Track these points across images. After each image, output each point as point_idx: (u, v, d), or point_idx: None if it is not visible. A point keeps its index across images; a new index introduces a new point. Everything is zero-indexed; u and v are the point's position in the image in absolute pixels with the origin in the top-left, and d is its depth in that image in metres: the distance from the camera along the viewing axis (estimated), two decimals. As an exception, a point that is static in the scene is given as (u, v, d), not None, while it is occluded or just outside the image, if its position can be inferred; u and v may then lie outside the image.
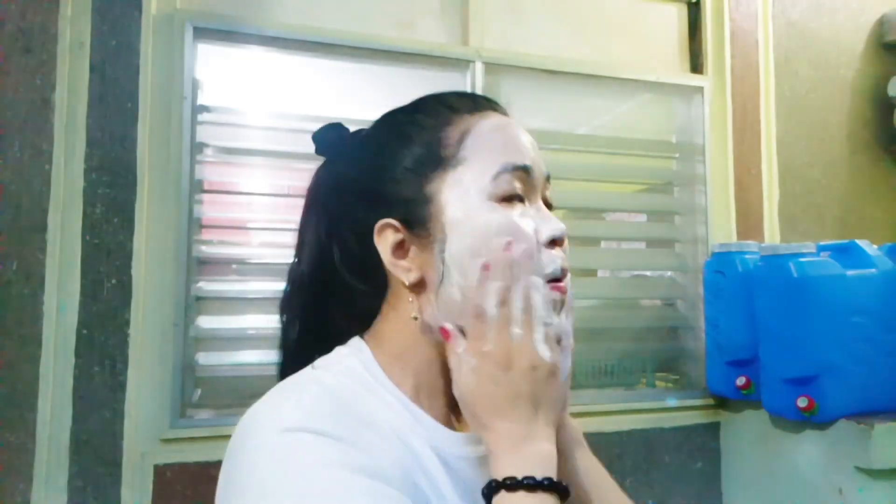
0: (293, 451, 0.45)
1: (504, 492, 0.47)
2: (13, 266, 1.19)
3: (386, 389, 0.55)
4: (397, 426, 0.52)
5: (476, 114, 0.57)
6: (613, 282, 1.79)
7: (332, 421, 0.47)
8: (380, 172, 0.57)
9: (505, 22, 1.65)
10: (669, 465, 1.58)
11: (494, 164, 0.54)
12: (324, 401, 0.50)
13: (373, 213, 0.56)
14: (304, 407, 0.48)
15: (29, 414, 1.17)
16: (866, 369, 1.27)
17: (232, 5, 1.42)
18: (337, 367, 0.55)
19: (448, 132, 0.56)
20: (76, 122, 1.24)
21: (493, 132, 0.56)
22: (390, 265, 0.55)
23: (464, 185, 0.54)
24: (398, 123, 0.59)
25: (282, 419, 0.47)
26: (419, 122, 0.58)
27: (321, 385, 0.52)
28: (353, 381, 0.54)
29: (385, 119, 0.62)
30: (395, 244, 0.55)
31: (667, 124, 1.81)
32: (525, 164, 0.55)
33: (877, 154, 1.92)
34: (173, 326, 1.28)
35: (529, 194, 0.56)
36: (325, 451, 0.45)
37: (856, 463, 1.24)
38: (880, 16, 1.95)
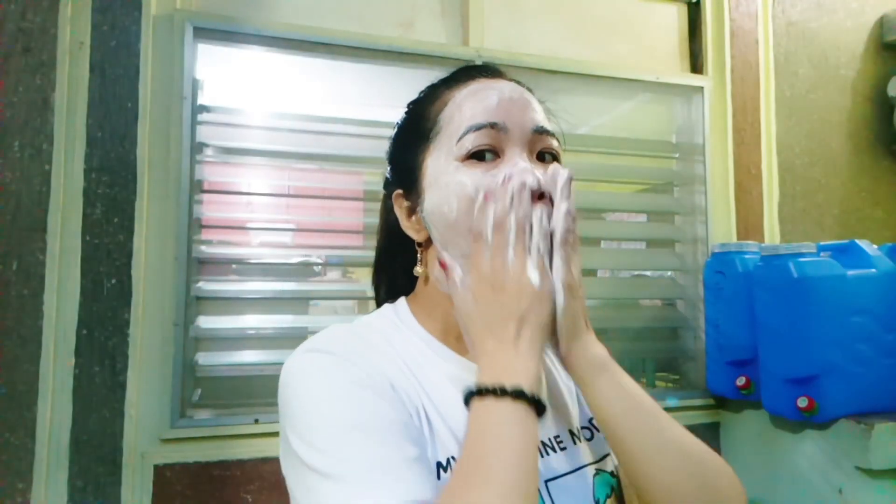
0: (304, 364, 0.56)
1: (476, 398, 0.51)
2: (13, 266, 1.19)
3: (411, 330, 0.64)
4: (414, 357, 0.60)
5: (459, 85, 0.63)
6: (613, 282, 1.79)
7: (341, 345, 0.57)
8: (394, 149, 0.68)
9: (505, 22, 1.65)
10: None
11: (460, 128, 0.59)
12: (342, 333, 0.60)
13: (393, 184, 0.66)
14: (325, 336, 0.59)
15: (29, 414, 1.17)
16: (866, 369, 1.27)
17: (232, 5, 1.42)
18: (372, 315, 0.67)
19: (431, 107, 0.63)
20: (76, 122, 1.24)
21: (465, 99, 0.61)
22: (404, 227, 0.65)
23: (438, 153, 0.61)
24: (415, 100, 0.68)
25: (306, 345, 0.58)
26: (417, 101, 0.67)
27: (349, 324, 0.63)
28: (381, 323, 0.64)
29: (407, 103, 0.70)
30: (407, 209, 0.65)
31: (667, 124, 1.81)
32: (490, 121, 0.59)
33: (877, 154, 1.92)
34: (173, 326, 1.28)
35: (505, 149, 0.60)
36: (326, 363, 0.55)
37: (856, 463, 1.24)
38: (880, 16, 1.95)
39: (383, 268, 0.73)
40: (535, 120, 0.61)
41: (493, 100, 0.60)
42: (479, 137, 0.58)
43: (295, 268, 1.47)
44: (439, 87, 0.66)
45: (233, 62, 1.44)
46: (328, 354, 0.56)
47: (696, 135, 1.75)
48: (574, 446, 0.64)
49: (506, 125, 0.59)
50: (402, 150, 0.66)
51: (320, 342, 0.58)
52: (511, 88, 0.62)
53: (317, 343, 0.58)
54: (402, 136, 0.67)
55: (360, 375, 0.54)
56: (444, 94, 0.64)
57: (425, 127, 0.63)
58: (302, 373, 0.55)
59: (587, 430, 0.69)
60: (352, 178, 1.54)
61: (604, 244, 1.91)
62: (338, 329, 0.61)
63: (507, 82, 0.65)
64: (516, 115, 0.60)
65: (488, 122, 0.59)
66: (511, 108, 0.60)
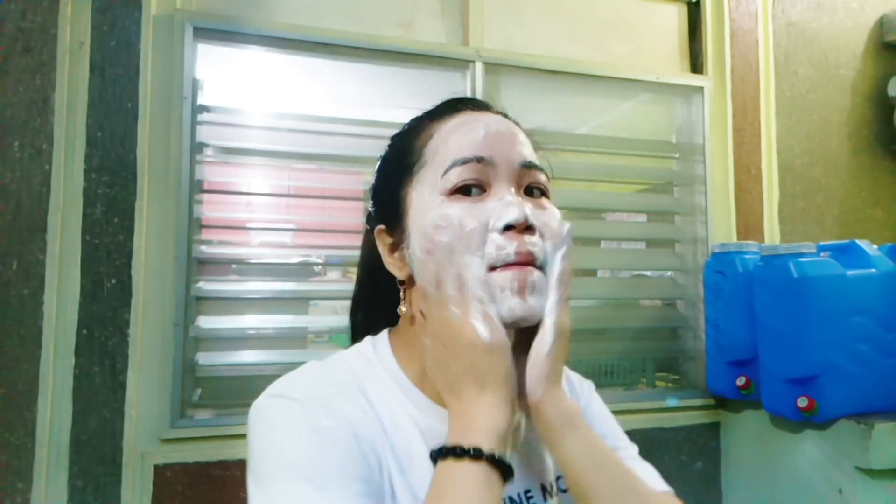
0: (264, 409, 0.55)
1: (441, 459, 0.49)
2: (13, 266, 1.19)
3: (387, 371, 0.61)
4: (385, 400, 0.58)
5: (445, 118, 0.61)
6: (613, 282, 1.79)
7: (306, 390, 0.55)
8: (377, 183, 0.66)
9: (505, 22, 1.65)
10: (669, 465, 1.58)
11: (445, 162, 0.57)
12: (310, 375, 0.58)
13: (375, 219, 0.64)
14: (291, 380, 0.57)
15: (29, 414, 1.17)
16: (866, 369, 1.27)
17: (232, 5, 1.42)
18: (350, 351, 0.63)
19: (416, 141, 0.61)
20: (76, 122, 1.24)
21: (451, 132, 0.59)
22: (387, 264, 0.62)
23: (423, 187, 0.58)
24: (400, 132, 0.66)
25: (273, 387, 0.56)
26: (401, 134, 0.65)
27: (321, 363, 0.60)
28: (356, 360, 0.61)
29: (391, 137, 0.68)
30: (389, 246, 0.62)
31: (667, 124, 1.81)
32: (476, 155, 0.57)
33: (877, 154, 1.92)
34: (173, 326, 1.28)
35: (492, 183, 0.57)
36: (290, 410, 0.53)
37: (856, 463, 1.24)
38: (880, 16, 1.95)
39: (362, 305, 0.71)
40: (522, 154, 0.60)
41: (480, 133, 0.58)
42: (465, 171, 0.56)
43: (295, 268, 1.47)
44: (424, 119, 0.64)
45: (233, 62, 1.44)
46: (290, 401, 0.54)
47: (696, 135, 1.75)
48: (544, 502, 0.62)
49: (493, 159, 0.57)
50: (385, 184, 0.64)
51: (285, 386, 0.56)
52: (498, 122, 0.61)
53: (281, 387, 0.56)
54: (385, 170, 0.65)
55: (321, 424, 0.52)
56: (428, 126, 0.62)
57: (409, 160, 0.61)
58: (263, 417, 0.54)
59: (563, 479, 0.65)
60: (352, 178, 1.54)
61: (604, 244, 1.91)
62: (307, 370, 0.58)
63: (494, 115, 0.63)
64: (503, 150, 0.58)
65: (475, 155, 0.57)
66: (498, 141, 0.58)
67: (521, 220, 0.55)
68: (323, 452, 0.51)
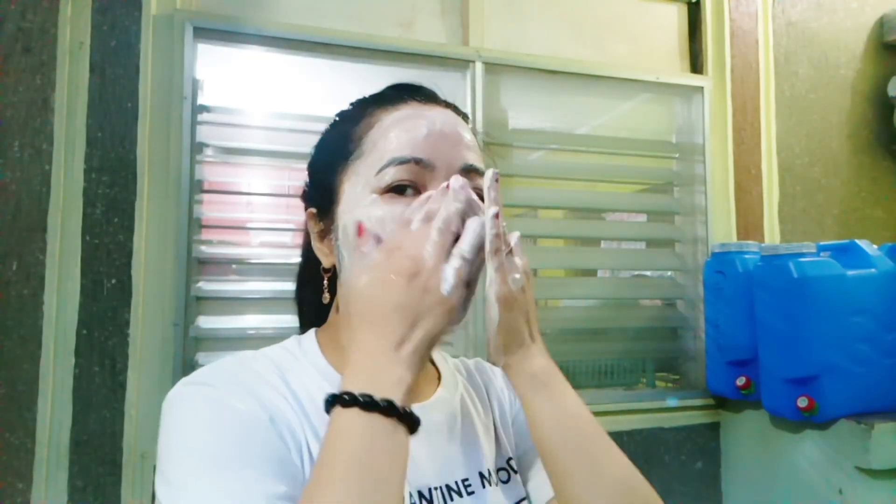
0: (180, 397, 0.52)
1: (339, 406, 0.45)
2: (13, 266, 1.19)
3: (311, 361, 0.59)
4: (308, 390, 0.55)
5: (389, 108, 0.59)
6: (613, 282, 1.79)
7: (219, 376, 0.53)
8: (313, 165, 0.64)
9: (505, 22, 1.65)
10: (669, 465, 1.58)
11: (382, 159, 0.55)
12: (225, 364, 0.55)
13: (308, 202, 0.63)
14: (206, 369, 0.55)
15: (29, 414, 1.17)
16: (866, 369, 1.27)
17: (232, 5, 1.42)
18: (272, 347, 0.61)
19: (357, 127, 0.59)
20: (76, 122, 1.24)
21: (392, 126, 0.57)
22: (315, 248, 0.62)
23: (357, 178, 0.57)
24: (342, 113, 0.65)
25: (187, 377, 0.54)
26: (344, 117, 0.63)
27: (239, 354, 0.58)
28: (278, 353, 0.59)
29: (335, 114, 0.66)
30: (318, 232, 0.61)
31: (667, 124, 1.81)
32: (415, 157, 0.55)
33: (877, 154, 1.92)
34: (173, 326, 1.28)
35: (427, 186, 0.55)
36: (201, 395, 0.51)
37: (856, 463, 1.24)
38: (880, 16, 1.95)
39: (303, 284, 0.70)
40: (464, 157, 0.57)
41: (422, 131, 0.56)
42: (400, 172, 0.54)
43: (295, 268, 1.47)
44: (369, 105, 0.61)
45: (233, 62, 1.43)
46: (203, 386, 0.52)
47: (696, 135, 1.75)
48: (483, 490, 0.60)
49: (432, 161, 0.55)
50: (321, 167, 0.62)
51: (199, 374, 0.54)
52: (444, 119, 0.58)
53: (195, 376, 0.54)
54: (323, 152, 0.63)
55: (234, 407, 0.50)
56: (371, 114, 0.59)
57: (347, 148, 0.58)
58: (172, 405, 0.51)
59: (504, 471, 0.64)
60: (352, 178, 1.54)
61: (604, 244, 1.91)
62: (223, 361, 0.56)
63: (442, 110, 0.60)
64: (444, 151, 0.56)
65: (413, 156, 0.54)
66: (440, 142, 0.56)
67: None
68: (233, 435, 0.48)
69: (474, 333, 1.47)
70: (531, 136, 1.65)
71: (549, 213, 1.77)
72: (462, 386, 0.68)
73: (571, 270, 1.81)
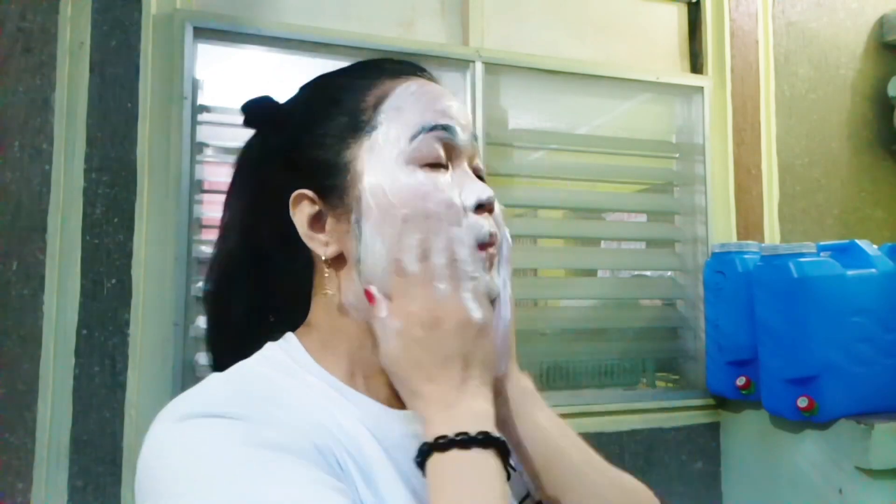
0: (187, 437, 0.42)
1: (436, 453, 0.43)
2: (13, 266, 1.19)
3: (312, 374, 0.51)
4: (324, 408, 0.48)
5: (399, 78, 0.55)
6: (613, 282, 1.79)
7: (232, 402, 0.44)
8: (300, 136, 0.54)
9: (505, 22, 1.65)
10: (669, 465, 1.58)
11: (412, 126, 0.51)
12: (226, 386, 0.47)
13: (289, 183, 0.53)
14: (203, 394, 0.46)
15: (29, 414, 1.17)
16: (866, 369, 1.27)
17: (232, 5, 1.42)
18: (255, 358, 0.52)
19: (365, 96, 0.53)
20: (76, 122, 1.24)
21: (412, 95, 0.53)
22: (306, 238, 0.52)
23: (380, 151, 0.51)
24: (323, 86, 0.57)
25: (181, 408, 0.44)
26: (342, 84, 0.56)
27: (227, 374, 0.49)
28: (271, 369, 0.50)
29: (314, 81, 0.59)
30: (312, 216, 0.52)
31: (667, 124, 1.81)
32: (445, 123, 0.52)
33: (877, 154, 1.92)
34: (173, 326, 1.28)
35: (454, 159, 0.53)
36: (223, 430, 0.42)
37: (856, 463, 1.24)
38: (880, 16, 1.95)
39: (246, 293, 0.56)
40: (471, 127, 0.55)
41: (445, 102, 0.53)
42: (436, 140, 0.51)
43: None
44: (373, 72, 0.56)
45: (233, 62, 1.43)
46: (221, 419, 0.42)
47: (696, 135, 1.74)
48: None
49: (456, 132, 0.53)
50: (316, 142, 0.53)
51: (201, 405, 0.44)
52: (450, 94, 0.56)
53: (195, 407, 0.44)
54: (315, 124, 0.54)
55: (274, 440, 0.42)
56: (379, 83, 0.54)
57: (359, 118, 0.52)
58: (184, 447, 0.41)
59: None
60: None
61: (604, 244, 1.91)
62: (214, 385, 0.47)
63: (441, 87, 0.57)
64: (463, 123, 0.54)
65: (444, 123, 0.52)
66: (459, 114, 0.54)
67: (492, 201, 0.52)
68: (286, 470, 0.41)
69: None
70: (531, 135, 1.65)
71: (549, 213, 1.77)
72: None
73: (571, 270, 1.81)
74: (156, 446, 0.43)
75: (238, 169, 0.60)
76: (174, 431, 0.43)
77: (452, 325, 0.47)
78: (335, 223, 0.52)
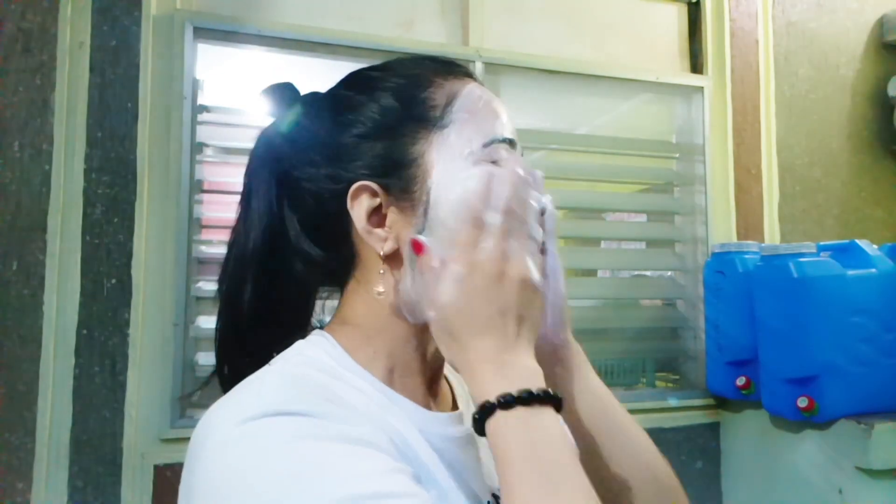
0: (259, 437, 0.40)
1: (500, 411, 0.43)
2: (13, 266, 1.19)
3: (356, 375, 0.50)
4: (373, 410, 0.48)
5: (461, 78, 0.56)
6: (613, 282, 1.79)
7: (295, 401, 0.43)
8: (350, 128, 0.53)
9: (505, 22, 1.65)
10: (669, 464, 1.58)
11: (486, 133, 0.52)
12: (282, 386, 0.45)
13: (342, 174, 0.52)
14: (264, 395, 0.44)
15: (29, 414, 1.17)
16: (866, 369, 1.27)
17: (232, 5, 1.42)
18: (297, 359, 0.51)
19: (434, 92, 0.53)
20: (76, 122, 1.24)
21: (480, 101, 0.54)
22: (365, 233, 0.50)
23: (452, 149, 0.51)
24: (375, 80, 0.55)
25: (241, 411, 0.42)
26: (402, 77, 0.55)
27: (280, 374, 0.48)
28: (316, 370, 0.49)
29: (358, 74, 0.58)
30: (371, 209, 0.51)
31: (667, 124, 1.81)
32: (512, 138, 0.54)
33: (877, 154, 1.92)
34: (173, 326, 1.28)
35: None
36: (295, 427, 0.41)
37: (856, 463, 1.24)
38: (880, 16, 1.95)
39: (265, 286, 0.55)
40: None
41: (507, 115, 0.55)
42: (503, 150, 0.52)
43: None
44: (439, 69, 0.55)
45: (233, 62, 1.43)
46: (296, 416, 0.41)
47: (696, 135, 1.74)
48: None
49: (516, 146, 0.55)
50: (370, 130, 0.52)
51: (269, 404, 0.42)
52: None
53: (256, 406, 0.42)
54: (373, 112, 0.53)
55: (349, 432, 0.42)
56: (444, 81, 0.54)
57: (429, 114, 0.52)
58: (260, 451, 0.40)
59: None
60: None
61: (604, 244, 1.91)
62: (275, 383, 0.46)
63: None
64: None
65: (512, 137, 0.54)
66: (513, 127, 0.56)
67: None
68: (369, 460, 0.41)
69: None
70: (531, 136, 1.65)
71: (549, 213, 1.77)
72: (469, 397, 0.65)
73: (571, 270, 1.81)
74: (223, 451, 0.41)
75: (256, 160, 0.59)
76: (244, 433, 0.41)
77: (516, 281, 0.47)
78: (397, 217, 0.51)
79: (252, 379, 0.47)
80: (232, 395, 0.45)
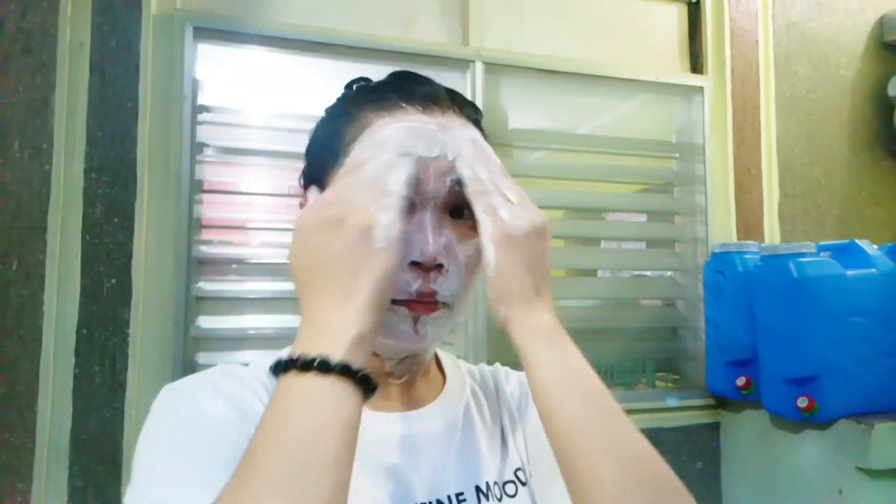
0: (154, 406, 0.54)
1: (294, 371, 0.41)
2: (13, 266, 1.19)
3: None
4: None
5: (383, 112, 0.54)
6: (613, 282, 1.79)
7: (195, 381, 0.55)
8: (307, 152, 0.61)
9: (505, 22, 1.65)
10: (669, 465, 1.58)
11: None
12: (209, 371, 0.56)
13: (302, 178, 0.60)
14: (189, 376, 0.56)
15: (29, 414, 1.17)
16: (866, 369, 1.27)
17: (232, 5, 1.42)
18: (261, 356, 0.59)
19: (348, 127, 0.55)
20: (76, 122, 1.24)
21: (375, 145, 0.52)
22: None
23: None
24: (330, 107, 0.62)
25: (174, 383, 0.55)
26: (335, 111, 0.60)
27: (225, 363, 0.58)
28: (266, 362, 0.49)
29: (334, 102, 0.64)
30: None
31: (667, 124, 1.81)
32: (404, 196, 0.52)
33: (877, 154, 1.92)
34: (173, 326, 1.28)
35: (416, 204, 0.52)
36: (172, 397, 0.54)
37: (856, 463, 1.24)
38: (880, 16, 1.95)
39: None
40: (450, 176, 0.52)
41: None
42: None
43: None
44: (363, 102, 0.56)
45: (233, 62, 1.43)
46: (173, 391, 0.54)
47: (696, 135, 1.75)
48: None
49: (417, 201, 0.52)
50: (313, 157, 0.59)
51: (178, 381, 0.55)
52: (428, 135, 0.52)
53: (174, 383, 0.55)
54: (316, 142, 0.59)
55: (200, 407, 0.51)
56: (365, 115, 0.54)
57: (335, 145, 0.55)
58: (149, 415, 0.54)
59: (512, 483, 0.59)
60: (352, 178, 1.54)
61: (604, 244, 1.91)
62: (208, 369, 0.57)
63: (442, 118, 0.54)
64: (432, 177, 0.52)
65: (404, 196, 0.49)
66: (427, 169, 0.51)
67: (429, 259, 0.51)
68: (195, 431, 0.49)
69: (474, 333, 1.47)
70: (531, 136, 1.65)
71: (550, 213, 1.75)
72: (470, 392, 0.64)
73: (571, 270, 1.81)
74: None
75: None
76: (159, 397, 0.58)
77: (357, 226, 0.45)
78: None
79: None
80: None
